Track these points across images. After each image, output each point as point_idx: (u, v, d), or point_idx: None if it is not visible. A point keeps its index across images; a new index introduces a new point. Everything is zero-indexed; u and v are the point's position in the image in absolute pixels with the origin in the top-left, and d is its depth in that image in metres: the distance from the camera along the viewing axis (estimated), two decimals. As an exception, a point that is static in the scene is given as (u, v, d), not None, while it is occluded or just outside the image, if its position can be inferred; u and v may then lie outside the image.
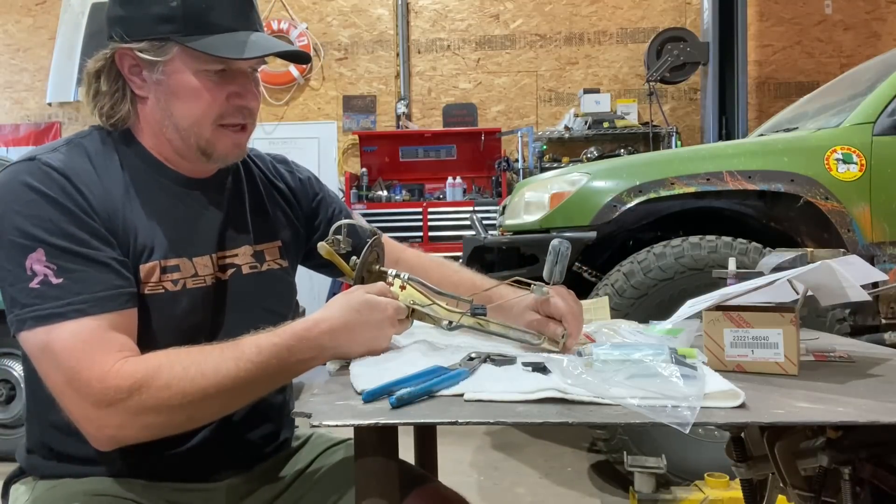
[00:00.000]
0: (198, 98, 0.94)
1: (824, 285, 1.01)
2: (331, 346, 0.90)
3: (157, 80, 0.95)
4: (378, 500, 0.73)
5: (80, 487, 0.94)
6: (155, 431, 0.87)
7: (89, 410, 0.83)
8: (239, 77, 0.97)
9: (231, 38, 0.93)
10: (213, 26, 0.92)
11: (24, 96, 6.66)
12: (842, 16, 6.00)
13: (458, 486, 1.14)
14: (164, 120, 0.97)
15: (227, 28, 0.93)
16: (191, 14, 0.91)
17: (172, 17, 0.91)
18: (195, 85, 0.94)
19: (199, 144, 0.98)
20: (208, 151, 0.98)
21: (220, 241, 1.03)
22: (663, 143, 5.80)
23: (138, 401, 0.83)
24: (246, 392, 0.89)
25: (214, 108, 0.96)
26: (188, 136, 0.97)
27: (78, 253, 0.87)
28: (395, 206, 5.68)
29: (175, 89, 0.94)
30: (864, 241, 2.46)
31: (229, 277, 1.03)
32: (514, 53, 6.28)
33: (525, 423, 0.70)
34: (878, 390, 0.82)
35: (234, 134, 0.99)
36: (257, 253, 1.08)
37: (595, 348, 0.83)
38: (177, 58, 0.93)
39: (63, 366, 0.83)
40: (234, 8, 0.95)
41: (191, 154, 0.99)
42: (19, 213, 0.87)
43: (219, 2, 0.93)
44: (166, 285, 0.95)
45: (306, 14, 6.41)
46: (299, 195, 1.18)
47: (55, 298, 0.84)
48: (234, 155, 1.02)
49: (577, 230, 2.65)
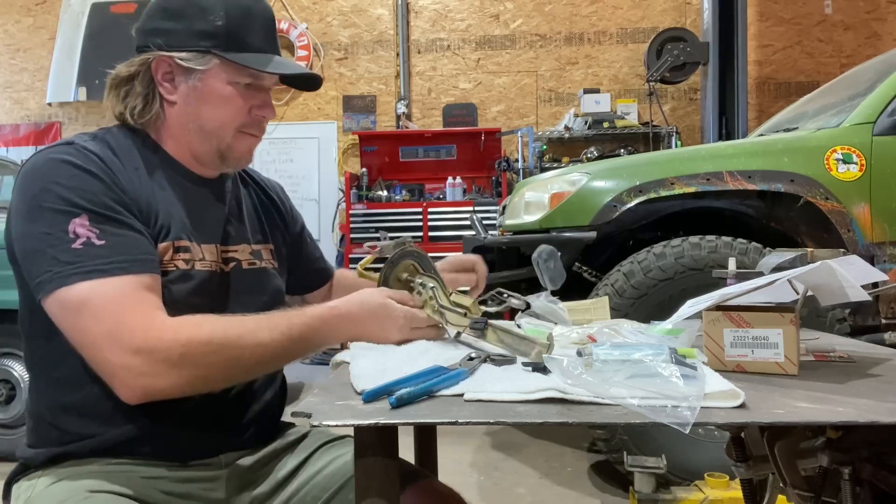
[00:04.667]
0: (228, 105, 1.06)
1: (824, 285, 1.01)
2: (344, 332, 1.01)
3: (192, 87, 1.05)
4: (378, 499, 0.73)
5: (80, 484, 0.95)
6: (188, 386, 0.92)
7: (129, 358, 0.88)
8: (261, 92, 1.10)
9: (261, 57, 1.06)
10: (248, 45, 1.05)
11: (24, 96, 6.66)
12: (842, 16, 6.00)
13: (458, 486, 1.14)
14: (189, 123, 1.07)
15: (258, 49, 1.07)
16: (232, 33, 1.04)
17: (215, 33, 1.03)
18: (227, 94, 1.06)
19: (219, 147, 1.08)
20: (226, 154, 1.09)
21: (224, 235, 1.12)
22: (663, 143, 5.80)
23: (180, 352, 0.89)
24: (273, 361, 0.99)
25: (240, 117, 1.08)
26: (211, 138, 1.08)
27: (118, 220, 0.95)
28: (395, 206, 5.68)
29: (208, 96, 1.06)
30: (864, 241, 2.46)
31: (231, 270, 1.11)
32: (514, 53, 6.28)
33: (525, 423, 0.70)
34: (878, 390, 0.82)
35: (250, 140, 1.11)
36: (255, 251, 1.16)
37: (595, 348, 0.83)
38: (215, 68, 1.04)
39: (106, 316, 0.89)
40: (265, 32, 1.08)
41: (208, 155, 1.09)
42: (63, 185, 0.93)
43: (254, 26, 1.06)
44: (178, 263, 1.02)
45: (306, 14, 6.41)
46: (287, 216, 1.31)
47: (99, 257, 0.91)
48: (246, 160, 1.14)
49: (577, 230, 2.64)
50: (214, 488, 1.05)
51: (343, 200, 6.08)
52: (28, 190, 0.94)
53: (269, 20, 1.10)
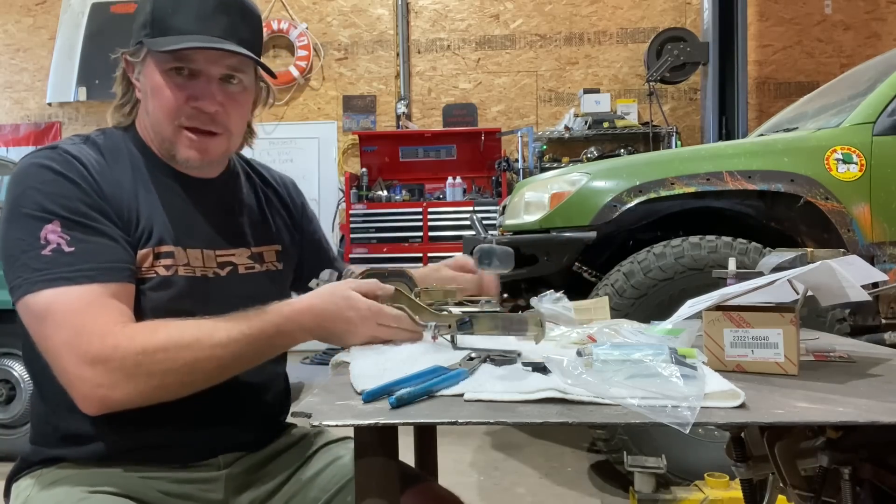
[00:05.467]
0: (160, 96, 1.00)
1: (824, 285, 1.00)
2: (311, 328, 0.95)
3: (141, 82, 1.04)
4: (378, 500, 0.73)
5: (80, 483, 0.95)
6: (146, 396, 0.89)
7: (85, 369, 0.86)
8: (201, 79, 1.01)
9: (187, 38, 0.97)
10: (173, 29, 0.98)
11: (24, 96, 6.66)
12: (842, 16, 6.00)
13: (458, 486, 1.14)
14: (146, 118, 1.05)
15: (185, 31, 0.98)
16: (157, 18, 0.99)
17: (145, 22, 1.00)
18: (159, 83, 1.00)
19: (163, 144, 1.04)
20: (172, 151, 1.04)
21: (215, 239, 1.09)
22: (663, 143, 5.80)
23: (134, 361, 0.86)
24: (235, 363, 0.93)
25: (172, 108, 1.00)
26: (157, 134, 1.04)
27: (90, 227, 0.93)
28: (395, 206, 5.68)
29: (146, 88, 1.03)
30: (864, 241, 2.46)
31: (226, 274, 1.08)
32: (514, 53, 6.28)
33: (525, 423, 0.70)
34: (878, 390, 0.82)
35: (195, 138, 1.02)
36: (254, 255, 1.13)
37: (595, 348, 0.83)
38: (148, 59, 1.01)
39: (66, 324, 0.87)
40: (198, 14, 0.99)
41: (165, 154, 1.06)
42: (39, 190, 0.93)
43: (183, 7, 0.99)
44: (158, 270, 1.00)
45: (306, 14, 6.41)
46: (298, 213, 1.26)
47: (66, 265, 0.90)
48: (197, 160, 1.04)
49: (577, 230, 2.64)
50: (213, 489, 1.04)
51: (343, 200, 6.08)
52: (10, 194, 0.94)
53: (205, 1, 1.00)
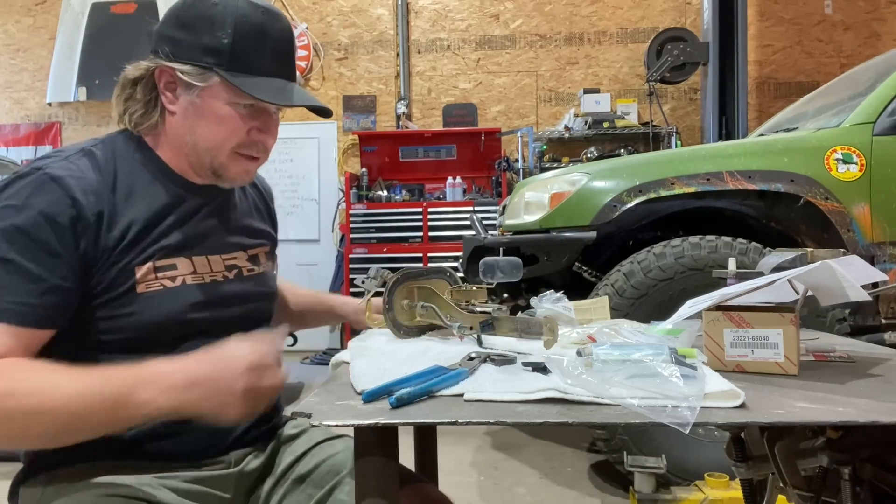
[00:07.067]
0: (223, 125, 1.04)
1: (824, 285, 1.01)
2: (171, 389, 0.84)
3: (190, 101, 1.03)
4: (378, 499, 0.73)
5: (91, 489, 0.95)
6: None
7: None
8: (263, 115, 1.07)
9: (268, 82, 1.03)
10: (254, 68, 1.02)
11: (24, 96, 6.66)
12: (842, 16, 6.00)
13: (458, 486, 1.15)
14: (186, 136, 1.05)
15: (266, 72, 1.03)
16: (238, 53, 1.01)
17: (220, 51, 1.00)
18: (225, 114, 1.03)
19: (212, 165, 1.07)
20: (220, 173, 1.08)
21: (221, 245, 1.11)
22: (663, 143, 5.80)
23: None
24: (80, 421, 0.83)
25: (235, 138, 1.05)
26: (204, 156, 1.06)
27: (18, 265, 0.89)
28: (395, 206, 5.68)
29: (205, 113, 1.03)
30: (864, 241, 2.46)
31: (234, 277, 1.11)
32: (514, 53, 6.28)
33: (525, 423, 0.70)
34: (878, 390, 0.82)
35: (247, 162, 1.08)
36: (252, 256, 1.17)
37: (595, 348, 0.83)
38: (215, 86, 1.02)
39: None
40: (277, 55, 1.05)
41: (203, 171, 1.08)
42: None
43: (264, 47, 1.03)
44: (164, 283, 1.00)
45: (306, 14, 6.41)
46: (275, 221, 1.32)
47: None
48: (242, 181, 1.12)
49: (577, 230, 2.64)
50: (224, 488, 1.05)
51: (343, 200, 6.08)
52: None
53: (284, 42, 1.06)
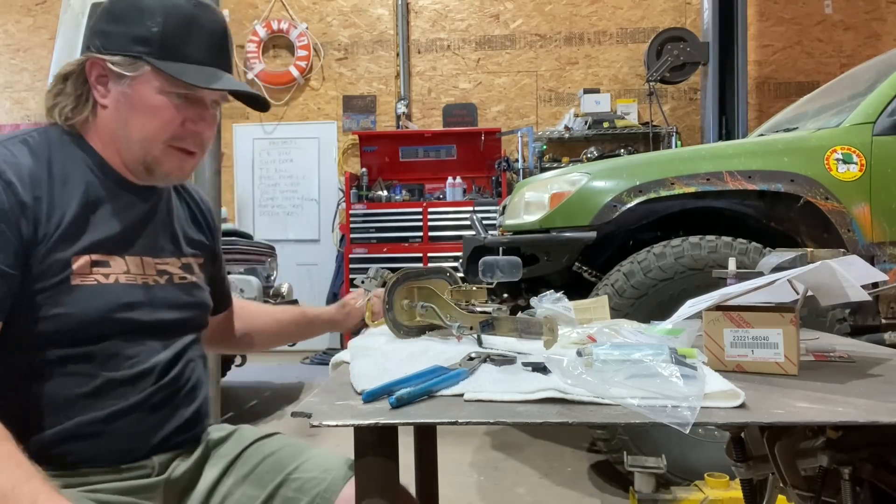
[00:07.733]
0: (156, 116, 1.02)
1: (824, 285, 1.01)
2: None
3: (121, 92, 1.02)
4: (378, 500, 0.73)
5: None
6: None
7: None
8: (198, 105, 1.05)
9: (199, 69, 1.02)
10: (185, 56, 1.01)
11: (24, 96, 6.66)
12: (842, 16, 6.00)
13: (458, 486, 1.15)
14: (118, 130, 1.04)
15: (198, 60, 1.02)
16: (168, 41, 1.00)
17: (149, 39, 1.00)
18: (157, 103, 1.02)
19: (145, 159, 1.04)
20: (152, 168, 1.05)
21: (154, 247, 1.10)
22: (663, 143, 5.80)
23: None
24: None
25: (169, 129, 1.03)
26: (137, 148, 1.04)
27: None
28: (395, 206, 5.68)
29: (136, 103, 1.02)
30: (864, 241, 2.46)
31: (164, 282, 1.10)
32: (514, 53, 6.29)
33: (525, 423, 0.70)
34: (878, 390, 0.82)
35: (182, 156, 1.06)
36: (185, 265, 1.15)
37: (595, 348, 0.83)
38: (146, 75, 1.01)
39: None
40: (209, 44, 1.04)
41: (135, 166, 1.06)
42: None
43: (196, 36, 1.02)
44: (98, 278, 1.00)
45: (306, 14, 6.42)
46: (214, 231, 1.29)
47: None
48: (176, 177, 1.09)
49: (577, 230, 2.64)
50: (152, 497, 1.02)
51: (343, 200, 6.08)
52: None
53: (216, 33, 1.05)
